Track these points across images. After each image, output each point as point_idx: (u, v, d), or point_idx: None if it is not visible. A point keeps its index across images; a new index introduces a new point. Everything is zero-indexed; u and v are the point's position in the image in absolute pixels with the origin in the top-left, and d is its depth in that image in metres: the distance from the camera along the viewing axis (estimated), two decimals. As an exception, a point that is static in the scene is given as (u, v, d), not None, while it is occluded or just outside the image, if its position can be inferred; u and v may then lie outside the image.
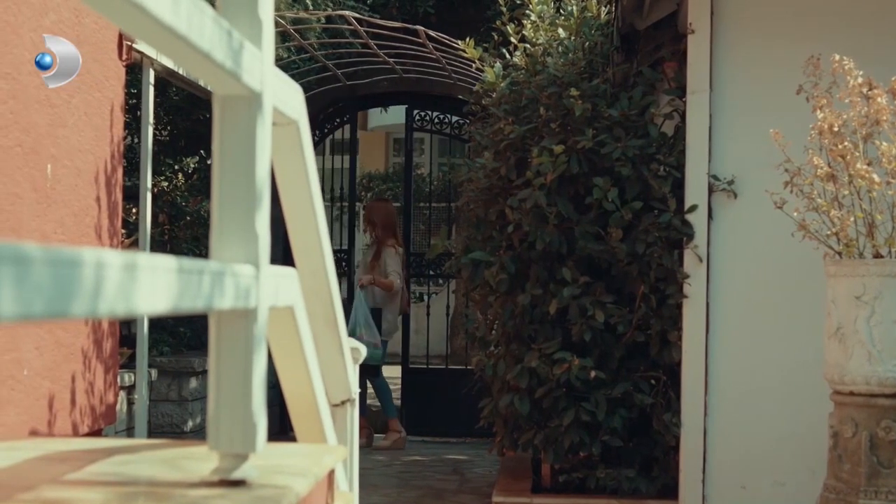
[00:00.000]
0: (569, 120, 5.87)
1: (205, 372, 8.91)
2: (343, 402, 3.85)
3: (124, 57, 6.06)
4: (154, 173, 9.47)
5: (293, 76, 9.93)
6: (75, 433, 5.35)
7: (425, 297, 12.06)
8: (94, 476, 2.45)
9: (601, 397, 5.78)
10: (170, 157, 9.85)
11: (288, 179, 2.89)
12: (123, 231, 8.02)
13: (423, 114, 11.27)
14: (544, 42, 6.37)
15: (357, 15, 8.06)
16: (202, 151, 9.99)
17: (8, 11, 4.57)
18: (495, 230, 6.10)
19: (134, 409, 7.41)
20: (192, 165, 10.27)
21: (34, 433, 4.87)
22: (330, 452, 2.94)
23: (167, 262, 1.73)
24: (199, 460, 2.34)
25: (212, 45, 1.97)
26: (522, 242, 5.94)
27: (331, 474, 3.04)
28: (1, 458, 2.71)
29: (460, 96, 7.18)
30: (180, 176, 9.73)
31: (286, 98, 2.60)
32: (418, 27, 7.98)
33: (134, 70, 7.57)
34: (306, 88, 10.20)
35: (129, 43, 6.01)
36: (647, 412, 5.89)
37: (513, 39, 6.48)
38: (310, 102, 10.57)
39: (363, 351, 3.99)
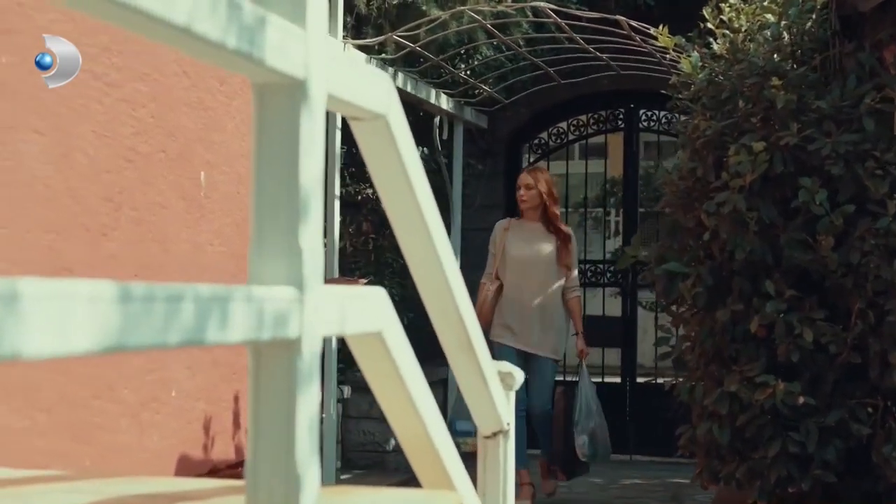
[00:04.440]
0: (771, 113, 5.23)
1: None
2: (494, 434, 3.42)
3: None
4: (360, 180, 9.27)
5: (505, 75, 9.56)
6: (239, 457, 5.07)
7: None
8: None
9: (812, 426, 5.10)
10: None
11: (384, 184, 2.47)
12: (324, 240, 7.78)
13: (649, 113, 10.91)
14: (747, 27, 5.74)
15: (553, 6, 7.50)
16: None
17: (149, 8, 4.29)
18: (692, 238, 5.51)
19: (322, 429, 7.13)
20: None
21: (184, 459, 4.60)
22: (433, 502, 2.50)
23: (96, 289, 1.32)
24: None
25: (191, 19, 1.55)
26: (722, 252, 5.33)
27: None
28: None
29: (662, 91, 6.58)
30: (387, 183, 9.48)
31: (360, 88, 2.16)
32: (619, 17, 7.38)
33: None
34: (521, 88, 9.84)
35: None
36: (865, 443, 5.18)
37: (710, 25, 5.87)
38: (525, 103, 10.18)
39: (518, 377, 3.48)
